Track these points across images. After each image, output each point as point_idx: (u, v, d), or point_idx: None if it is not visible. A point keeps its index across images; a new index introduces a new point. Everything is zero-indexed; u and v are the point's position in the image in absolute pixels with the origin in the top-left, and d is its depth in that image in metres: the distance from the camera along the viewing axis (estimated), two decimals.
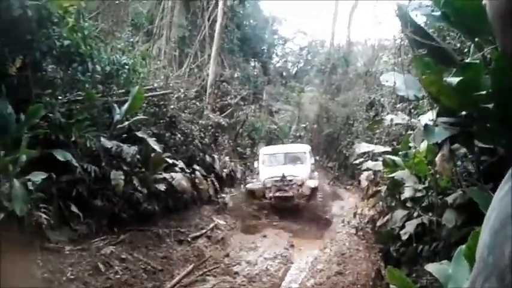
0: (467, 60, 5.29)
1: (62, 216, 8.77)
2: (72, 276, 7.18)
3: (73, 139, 9.23)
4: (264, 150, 19.75)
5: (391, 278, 4.52)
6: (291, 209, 15.76)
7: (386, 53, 21.81)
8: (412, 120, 7.84)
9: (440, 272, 4.24)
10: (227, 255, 10.91)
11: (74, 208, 8.92)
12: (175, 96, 15.74)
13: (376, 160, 10.77)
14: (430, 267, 4.57)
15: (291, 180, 16.39)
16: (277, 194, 16.27)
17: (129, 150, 10.59)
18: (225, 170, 18.66)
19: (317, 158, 22.75)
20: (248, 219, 15.61)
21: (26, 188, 7.16)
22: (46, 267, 7.10)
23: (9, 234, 7.08)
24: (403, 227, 6.97)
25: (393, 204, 8.56)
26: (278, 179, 16.39)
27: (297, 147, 20.40)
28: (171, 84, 16.21)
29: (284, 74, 39.65)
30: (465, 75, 4.71)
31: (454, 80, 4.73)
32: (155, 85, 14.77)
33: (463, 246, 3.69)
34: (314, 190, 16.41)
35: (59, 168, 8.61)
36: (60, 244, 8.15)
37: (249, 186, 17.90)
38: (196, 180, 14.69)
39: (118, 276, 8.14)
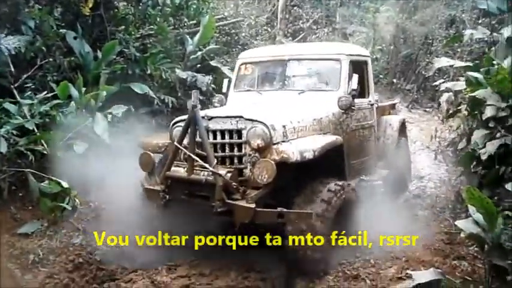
0: None
1: None
2: None
3: (149, 72, 9.55)
4: (245, 55, 8.09)
5: (470, 198, 4.25)
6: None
7: None
8: (495, 34, 7.21)
9: None
10: None
11: None
12: (246, 23, 15.71)
13: (458, 80, 10.23)
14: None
15: (226, 134, 5.49)
16: (174, 172, 5.48)
17: (204, 80, 10.77)
18: None
19: (394, 80, 21.84)
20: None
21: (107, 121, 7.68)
22: None
23: None
24: (484, 147, 6.40)
25: (474, 125, 8.05)
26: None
27: (321, 48, 7.95)
28: (241, 12, 16.17)
29: None
30: None
31: None
32: (225, 14, 14.79)
33: None
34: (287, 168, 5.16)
35: (137, 101, 9.08)
36: None
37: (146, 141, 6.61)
38: None
39: None
